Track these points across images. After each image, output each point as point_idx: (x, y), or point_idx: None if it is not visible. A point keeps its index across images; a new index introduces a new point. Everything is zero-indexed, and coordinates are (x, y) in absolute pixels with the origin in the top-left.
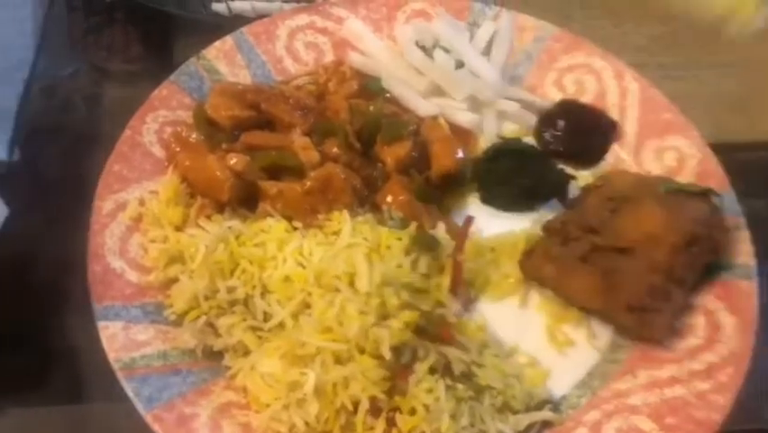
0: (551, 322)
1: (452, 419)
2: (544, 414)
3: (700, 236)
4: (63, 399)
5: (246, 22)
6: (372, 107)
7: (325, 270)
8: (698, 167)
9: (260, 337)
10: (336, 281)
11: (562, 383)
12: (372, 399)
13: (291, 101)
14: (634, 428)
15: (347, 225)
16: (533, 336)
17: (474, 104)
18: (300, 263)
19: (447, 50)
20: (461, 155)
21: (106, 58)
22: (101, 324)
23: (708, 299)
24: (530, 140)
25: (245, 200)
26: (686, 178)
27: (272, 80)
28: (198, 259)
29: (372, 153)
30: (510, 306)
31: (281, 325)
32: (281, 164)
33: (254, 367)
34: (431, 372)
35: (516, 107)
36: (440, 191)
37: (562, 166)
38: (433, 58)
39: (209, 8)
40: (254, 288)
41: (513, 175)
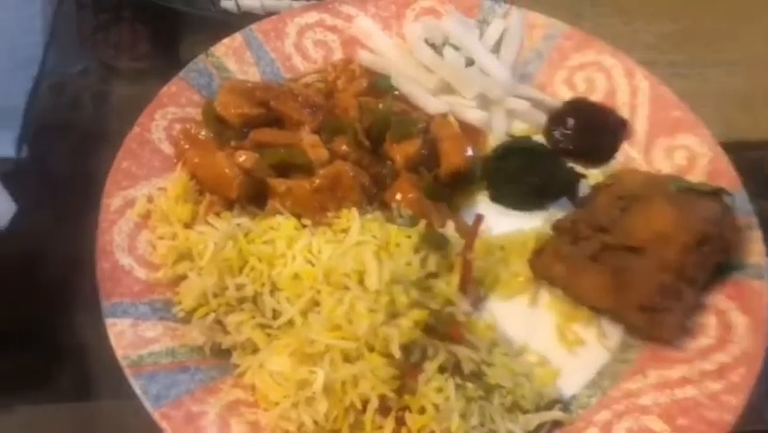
0: (561, 321)
1: (461, 418)
2: (554, 414)
3: (712, 236)
4: (71, 396)
5: (255, 19)
6: (381, 105)
7: (334, 267)
8: (709, 166)
9: (268, 335)
10: (345, 279)
11: (572, 383)
12: (381, 397)
13: (300, 99)
14: (644, 429)
15: (356, 223)
16: (542, 335)
17: (484, 102)
18: (309, 261)
19: (457, 47)
20: (470, 153)
21: (115, 55)
22: (109, 321)
23: (720, 299)
24: (540, 138)
25: (254, 198)
26: (697, 176)
27: (281, 78)
28: (207, 256)
29: (381, 151)
30: (520, 305)
31: (290, 322)
32: (290, 162)
33: (263, 365)
34: (440, 370)
35: (526, 105)
36: (449, 189)
37: (571, 164)
38: (442, 55)
39: (218, 5)
40: (263, 285)
41: (522, 173)
